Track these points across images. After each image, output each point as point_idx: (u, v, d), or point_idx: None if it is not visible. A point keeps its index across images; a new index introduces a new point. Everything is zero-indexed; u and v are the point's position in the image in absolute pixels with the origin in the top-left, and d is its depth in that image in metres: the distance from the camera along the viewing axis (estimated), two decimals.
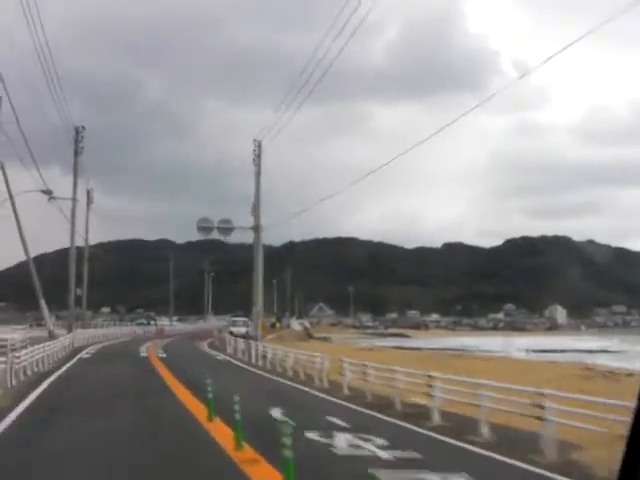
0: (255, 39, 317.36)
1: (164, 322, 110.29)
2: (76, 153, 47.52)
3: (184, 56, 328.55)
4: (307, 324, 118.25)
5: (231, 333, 54.68)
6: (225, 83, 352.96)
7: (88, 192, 58.47)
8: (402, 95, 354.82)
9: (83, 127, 48.15)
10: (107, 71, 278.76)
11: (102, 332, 64.13)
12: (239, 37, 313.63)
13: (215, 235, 48.38)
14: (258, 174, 48.17)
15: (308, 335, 74.40)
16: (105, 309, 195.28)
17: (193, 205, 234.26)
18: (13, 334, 35.47)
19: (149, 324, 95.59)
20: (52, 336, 37.28)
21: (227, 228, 47.21)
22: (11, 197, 35.70)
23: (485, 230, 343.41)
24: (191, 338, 68.45)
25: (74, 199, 48.10)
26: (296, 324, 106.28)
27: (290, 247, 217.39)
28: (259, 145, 49.89)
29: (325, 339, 75.69)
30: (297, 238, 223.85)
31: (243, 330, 58.20)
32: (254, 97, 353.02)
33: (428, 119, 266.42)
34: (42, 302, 40.16)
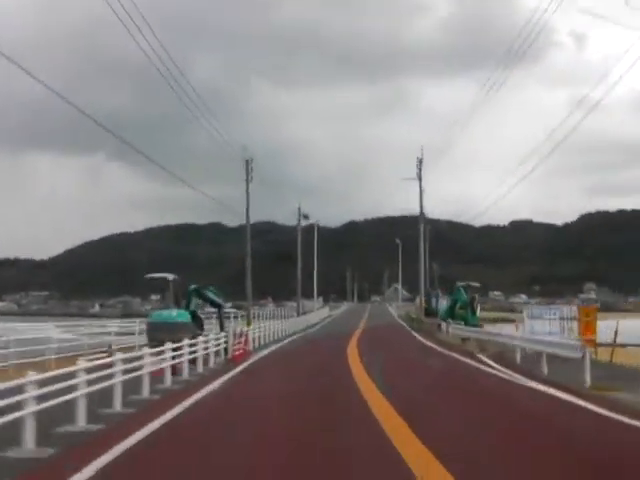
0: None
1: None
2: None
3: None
4: None
5: None
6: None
7: None
8: (450, 70, 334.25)
9: None
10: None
11: None
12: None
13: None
14: None
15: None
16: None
17: (242, 188, 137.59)
18: None
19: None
20: None
21: None
22: None
23: (551, 209, 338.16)
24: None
25: None
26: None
27: (351, 227, 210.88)
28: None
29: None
30: (359, 217, 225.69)
31: None
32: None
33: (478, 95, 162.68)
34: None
